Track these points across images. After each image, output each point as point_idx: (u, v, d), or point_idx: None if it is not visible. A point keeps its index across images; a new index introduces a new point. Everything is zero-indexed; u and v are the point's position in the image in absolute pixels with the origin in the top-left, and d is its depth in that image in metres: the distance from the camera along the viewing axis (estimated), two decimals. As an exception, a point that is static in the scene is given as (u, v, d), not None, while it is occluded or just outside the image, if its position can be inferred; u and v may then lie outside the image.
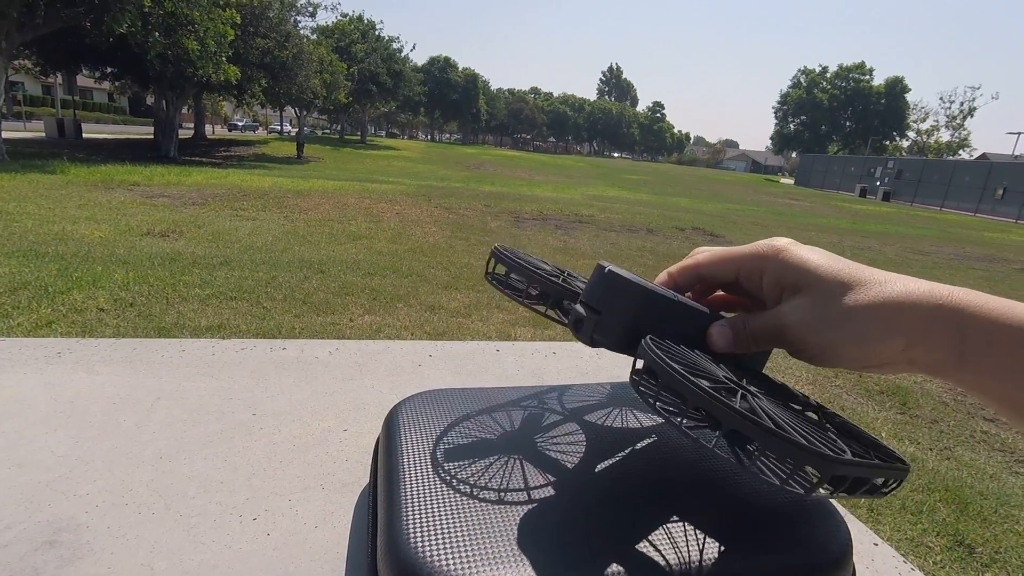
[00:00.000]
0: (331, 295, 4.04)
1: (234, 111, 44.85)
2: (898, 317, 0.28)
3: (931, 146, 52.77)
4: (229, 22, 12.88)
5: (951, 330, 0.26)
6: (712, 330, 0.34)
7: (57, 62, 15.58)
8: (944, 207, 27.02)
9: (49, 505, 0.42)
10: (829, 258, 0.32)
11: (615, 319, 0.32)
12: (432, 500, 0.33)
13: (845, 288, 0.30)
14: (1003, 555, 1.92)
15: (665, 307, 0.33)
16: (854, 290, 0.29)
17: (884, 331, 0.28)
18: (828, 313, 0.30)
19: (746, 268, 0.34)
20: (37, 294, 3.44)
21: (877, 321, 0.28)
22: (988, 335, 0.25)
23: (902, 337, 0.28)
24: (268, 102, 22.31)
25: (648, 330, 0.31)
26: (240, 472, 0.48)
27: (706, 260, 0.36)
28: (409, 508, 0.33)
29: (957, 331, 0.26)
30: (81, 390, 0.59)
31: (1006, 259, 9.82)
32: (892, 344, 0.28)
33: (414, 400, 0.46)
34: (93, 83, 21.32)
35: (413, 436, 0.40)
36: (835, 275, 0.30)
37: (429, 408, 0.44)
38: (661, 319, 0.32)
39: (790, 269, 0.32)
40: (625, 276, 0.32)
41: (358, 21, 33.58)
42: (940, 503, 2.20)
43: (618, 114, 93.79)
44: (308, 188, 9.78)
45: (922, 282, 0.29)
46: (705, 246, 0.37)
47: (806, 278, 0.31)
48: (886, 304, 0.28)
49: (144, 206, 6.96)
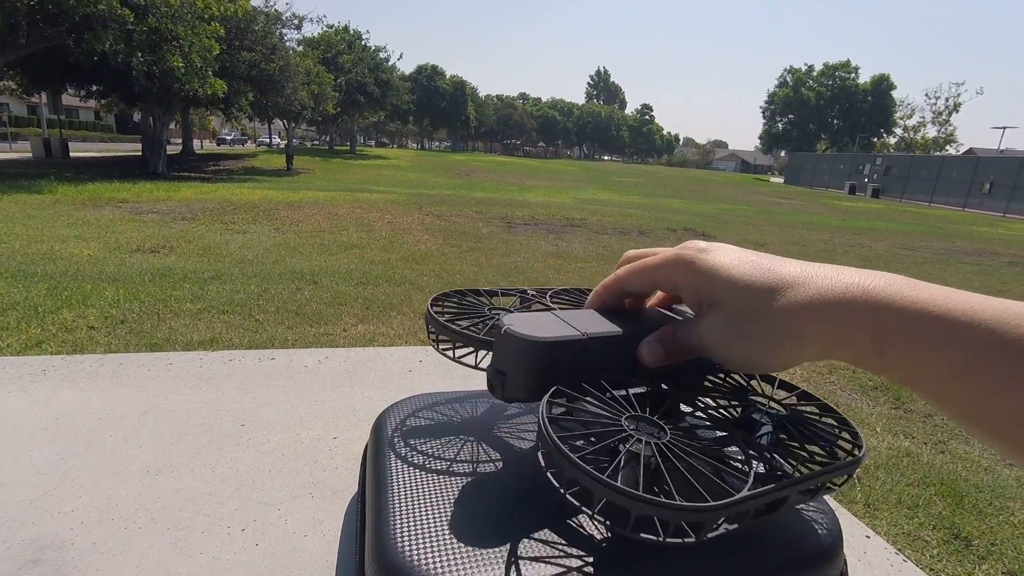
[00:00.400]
0: (324, 305, 4.02)
1: (222, 125, 44.78)
2: (811, 321, 0.27)
3: (918, 142, 53.33)
4: (214, 36, 12.86)
5: (867, 326, 0.25)
6: (641, 348, 0.34)
7: (41, 81, 15.49)
8: (933, 202, 27.26)
9: (33, 523, 0.41)
10: (742, 263, 0.30)
11: (519, 377, 0.33)
12: (420, 505, 0.33)
13: (757, 298, 0.29)
14: (999, 547, 1.93)
15: (576, 349, 0.33)
16: (767, 299, 0.28)
17: (798, 339, 0.28)
18: (741, 330, 0.29)
19: (659, 281, 0.34)
20: (26, 314, 3.41)
21: (790, 330, 0.28)
22: (907, 329, 0.24)
23: (817, 342, 0.27)
24: (256, 115, 22.26)
25: (562, 376, 0.32)
26: (228, 483, 0.47)
27: (624, 274, 0.35)
28: (397, 513, 0.32)
29: (874, 327, 0.25)
30: (66, 407, 0.58)
31: (995, 252, 9.91)
32: (808, 349, 0.28)
33: (402, 405, 0.46)
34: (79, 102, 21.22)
35: (401, 441, 0.40)
36: (747, 284, 0.29)
37: (417, 413, 0.44)
38: (576, 360, 0.33)
39: (702, 281, 0.31)
40: (521, 334, 0.32)
41: (344, 32, 33.62)
42: (936, 497, 2.21)
43: (607, 117, 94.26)
44: (298, 199, 9.76)
45: (843, 275, 0.27)
46: (634, 249, 0.36)
47: (718, 292, 0.30)
48: (798, 310, 0.27)
49: (133, 223, 6.92)
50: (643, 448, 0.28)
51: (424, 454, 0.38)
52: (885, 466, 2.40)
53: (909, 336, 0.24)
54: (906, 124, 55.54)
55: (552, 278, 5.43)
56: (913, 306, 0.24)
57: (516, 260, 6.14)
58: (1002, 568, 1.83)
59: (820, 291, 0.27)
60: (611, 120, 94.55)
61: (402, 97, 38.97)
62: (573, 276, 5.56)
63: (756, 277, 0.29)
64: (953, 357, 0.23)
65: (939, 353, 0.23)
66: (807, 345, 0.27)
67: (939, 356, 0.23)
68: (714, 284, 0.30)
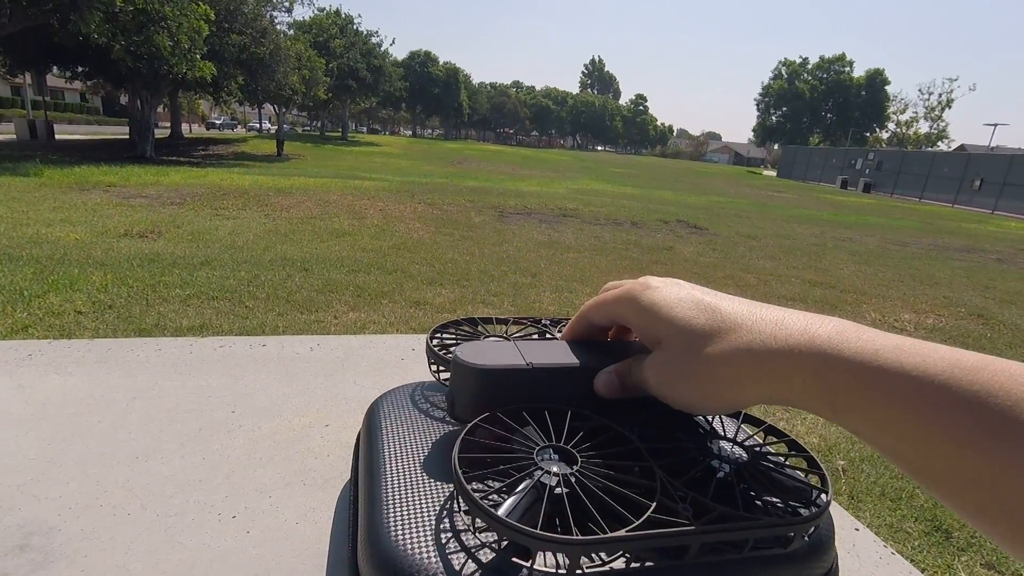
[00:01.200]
0: (315, 293, 4.00)
1: (211, 109, 44.18)
2: (751, 366, 0.26)
3: (910, 137, 53.63)
4: (203, 17, 12.65)
5: (813, 377, 0.24)
6: (597, 381, 0.34)
7: (25, 61, 15.20)
8: (923, 198, 27.46)
9: (20, 509, 0.41)
10: (684, 302, 0.30)
11: (463, 400, 0.35)
12: (413, 493, 0.33)
13: (698, 339, 0.28)
14: (979, 539, 1.96)
15: (520, 377, 0.35)
16: (707, 341, 0.28)
17: (738, 382, 0.27)
18: (682, 370, 0.29)
19: (615, 314, 0.34)
20: (12, 298, 3.37)
21: (729, 373, 0.27)
22: (856, 383, 0.23)
23: (758, 387, 0.27)
24: (246, 99, 21.99)
25: (505, 401, 0.34)
26: (219, 470, 0.47)
27: (587, 308, 0.36)
28: (389, 501, 0.32)
29: (821, 378, 0.24)
30: (53, 392, 0.57)
31: (983, 249, 10.01)
32: (751, 393, 0.27)
33: (395, 393, 0.45)
34: (64, 83, 20.84)
35: (394, 429, 0.40)
36: (688, 324, 0.29)
37: (411, 401, 0.44)
38: (520, 388, 0.35)
39: (646, 318, 0.31)
40: (465, 362, 0.34)
41: (336, 16, 33.22)
42: (918, 489, 2.22)
43: (601, 107, 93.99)
44: (289, 186, 9.67)
45: (788, 320, 0.26)
46: (614, 280, 0.37)
47: (661, 330, 0.30)
48: (737, 354, 0.27)
49: (121, 207, 6.83)
50: (550, 479, 0.29)
51: (417, 442, 0.38)
52: (870, 459, 2.43)
53: (859, 390, 0.23)
54: (899, 119, 55.83)
55: (544, 268, 5.43)
56: (861, 358, 0.23)
57: (508, 249, 6.13)
58: (980, 560, 1.87)
59: (762, 336, 0.26)
60: (605, 110, 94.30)
61: (394, 83, 38.62)
62: (565, 267, 5.56)
63: (697, 318, 0.29)
64: (904, 415, 0.22)
65: (890, 410, 0.22)
66: (749, 389, 0.27)
67: (890, 413, 0.22)
68: (657, 322, 0.30)
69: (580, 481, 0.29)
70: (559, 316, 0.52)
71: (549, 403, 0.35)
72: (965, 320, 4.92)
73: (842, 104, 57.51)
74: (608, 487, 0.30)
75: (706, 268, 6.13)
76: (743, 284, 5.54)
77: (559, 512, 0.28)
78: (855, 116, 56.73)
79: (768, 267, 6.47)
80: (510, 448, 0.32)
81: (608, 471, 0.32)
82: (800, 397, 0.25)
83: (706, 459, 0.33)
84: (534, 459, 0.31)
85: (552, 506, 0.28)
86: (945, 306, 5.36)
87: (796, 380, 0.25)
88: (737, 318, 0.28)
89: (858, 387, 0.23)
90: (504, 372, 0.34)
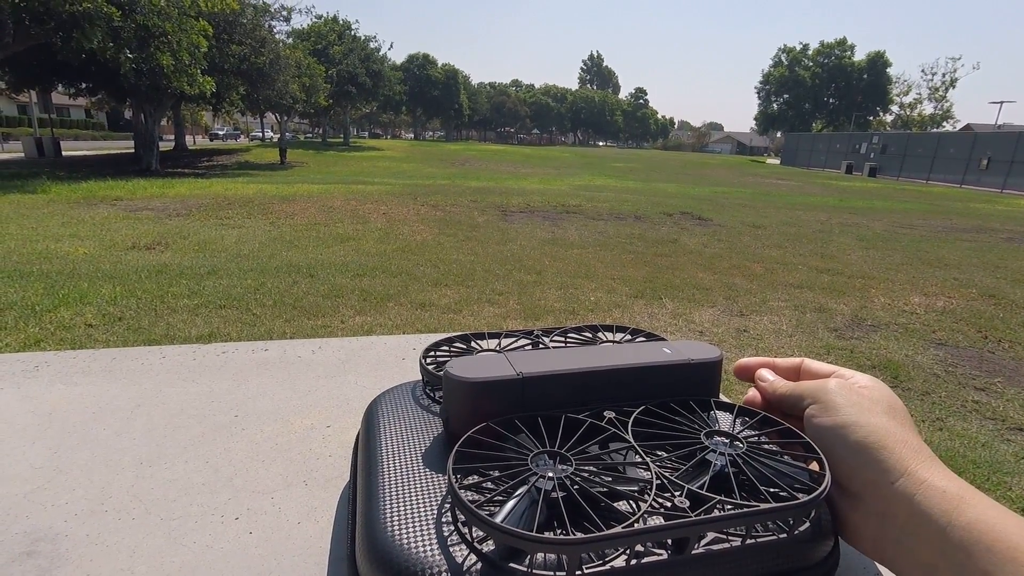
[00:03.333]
0: (321, 298, 4.02)
1: (214, 120, 44.46)
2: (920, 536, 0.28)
3: (915, 119, 53.11)
4: (202, 33, 12.72)
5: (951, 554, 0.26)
6: (762, 371, 0.41)
7: (30, 80, 15.35)
8: (930, 180, 27.17)
9: (27, 516, 0.41)
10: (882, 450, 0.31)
11: (457, 414, 0.36)
12: (410, 490, 0.33)
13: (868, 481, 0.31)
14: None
15: (511, 387, 0.36)
16: (876, 485, 0.30)
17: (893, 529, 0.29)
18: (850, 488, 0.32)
19: (813, 436, 0.34)
20: (24, 313, 3.41)
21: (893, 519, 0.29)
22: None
23: (915, 556, 0.28)
24: (247, 109, 22.10)
25: (498, 412, 0.35)
26: (221, 473, 0.47)
27: (784, 396, 0.38)
28: (386, 497, 0.33)
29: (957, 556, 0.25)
30: (59, 401, 0.58)
31: (993, 229, 9.90)
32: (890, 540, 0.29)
33: (393, 392, 0.46)
34: (69, 100, 21.02)
35: (391, 428, 0.40)
36: (856, 464, 0.31)
37: (408, 400, 0.44)
38: (513, 397, 0.36)
39: (817, 438, 0.34)
40: (455, 376, 0.35)
41: (333, 22, 33.31)
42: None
43: (601, 102, 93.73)
44: (293, 193, 9.73)
45: (943, 480, 0.28)
46: (811, 359, 0.40)
47: (828, 454, 0.32)
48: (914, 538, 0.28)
49: (128, 220, 6.90)
50: (544, 483, 0.30)
51: (414, 439, 0.38)
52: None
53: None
54: (902, 101, 55.32)
55: (548, 265, 5.42)
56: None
57: (512, 248, 6.13)
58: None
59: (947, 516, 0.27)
60: (605, 105, 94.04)
61: (394, 87, 38.72)
62: (570, 263, 5.56)
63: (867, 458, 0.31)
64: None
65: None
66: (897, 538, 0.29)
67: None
68: (826, 449, 0.33)
69: (575, 483, 0.30)
70: (552, 326, 0.53)
71: (542, 410, 0.36)
72: (976, 301, 4.88)
73: (844, 89, 56.98)
74: (604, 486, 0.30)
75: (711, 259, 6.10)
76: (749, 274, 5.51)
77: (558, 515, 0.29)
78: (858, 100, 56.20)
79: (774, 255, 6.43)
80: (505, 456, 0.33)
81: (603, 471, 0.32)
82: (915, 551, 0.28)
83: (702, 452, 0.34)
84: (529, 465, 0.31)
85: (550, 509, 0.29)
86: (955, 288, 5.31)
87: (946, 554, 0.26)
88: (901, 466, 0.29)
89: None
90: (495, 384, 0.35)
